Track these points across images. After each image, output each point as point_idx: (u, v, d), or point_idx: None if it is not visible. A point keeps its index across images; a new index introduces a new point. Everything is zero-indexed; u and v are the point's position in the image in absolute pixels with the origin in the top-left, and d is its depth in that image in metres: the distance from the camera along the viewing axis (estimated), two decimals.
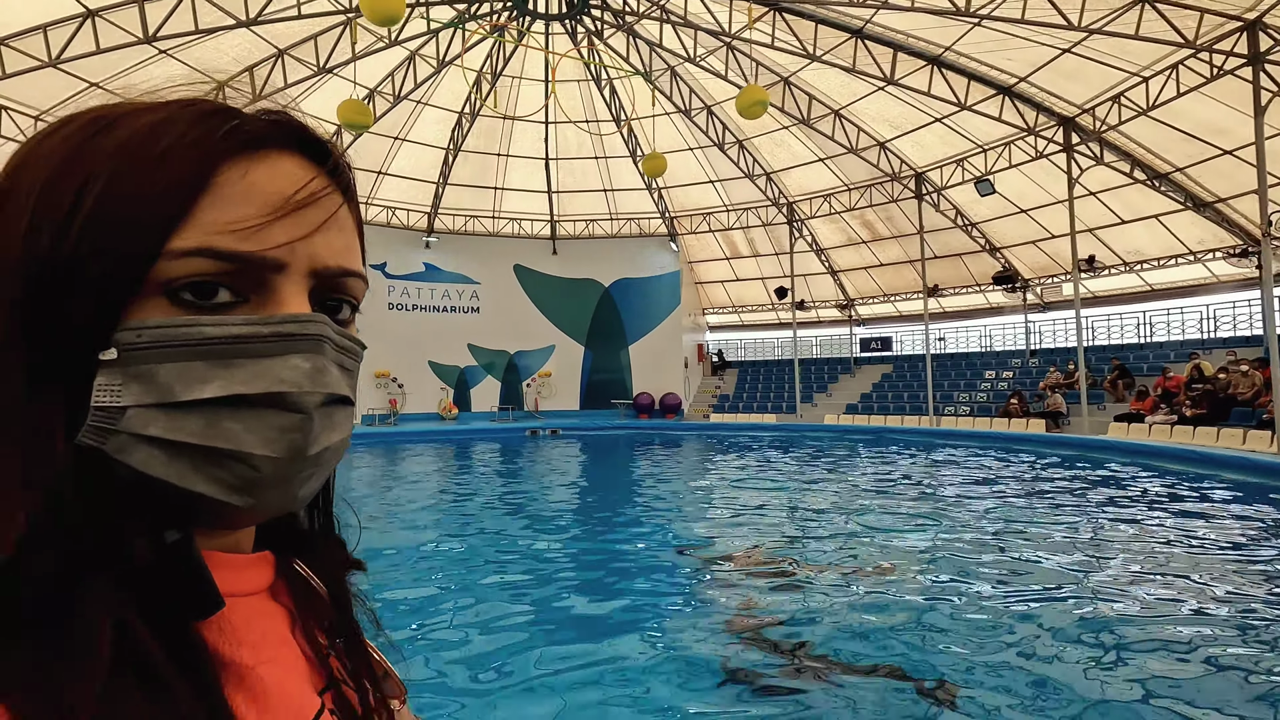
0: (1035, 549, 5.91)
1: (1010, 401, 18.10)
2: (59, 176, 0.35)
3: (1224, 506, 7.82)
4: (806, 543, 6.67)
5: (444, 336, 23.49)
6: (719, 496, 9.48)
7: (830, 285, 25.69)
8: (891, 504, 8.36)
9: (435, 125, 18.70)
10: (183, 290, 0.35)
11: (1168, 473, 10.47)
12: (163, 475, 0.35)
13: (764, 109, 11.65)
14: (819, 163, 19.72)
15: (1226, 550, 5.82)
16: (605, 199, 23.10)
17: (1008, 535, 6.48)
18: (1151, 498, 8.32)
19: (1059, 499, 8.25)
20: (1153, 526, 6.64)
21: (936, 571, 5.33)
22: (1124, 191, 17.15)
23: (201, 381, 0.35)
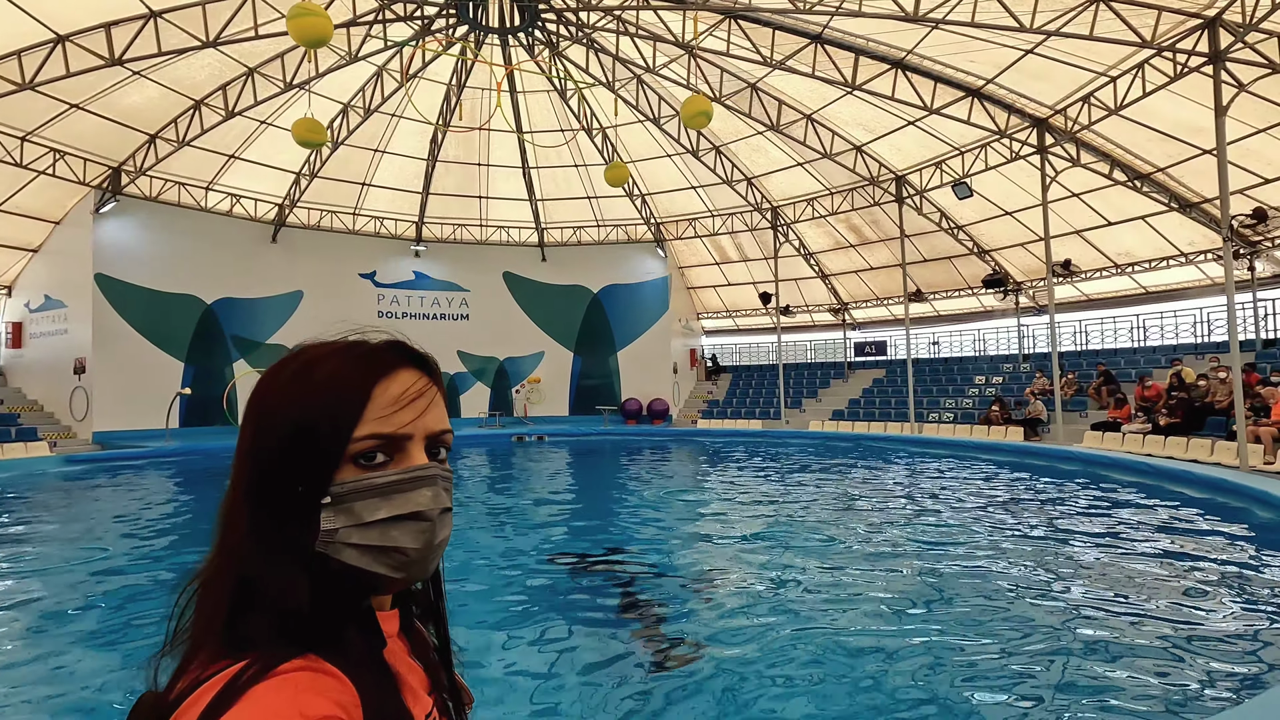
0: (885, 562, 5.85)
1: (991, 408, 17.72)
2: (294, 399, 0.64)
3: (1157, 521, 7.58)
4: (676, 549, 6.77)
5: (433, 344, 22.94)
6: (643, 504, 9.48)
7: (823, 289, 25.43)
8: (798, 514, 8.27)
9: (413, 137, 18.99)
10: (360, 458, 0.64)
11: (1121, 485, 10.17)
12: (357, 563, 0.64)
13: (708, 119, 11.59)
14: (798, 167, 19.55)
15: (1135, 565, 5.66)
16: (590, 206, 23.19)
17: (869, 545, 6.40)
18: (1079, 510, 8.09)
19: (969, 512, 8.06)
20: (1048, 539, 6.47)
21: (779, 579, 5.52)
22: (1109, 193, 16.71)
23: (376, 509, 0.64)
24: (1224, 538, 6.73)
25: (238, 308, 20.47)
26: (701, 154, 19.12)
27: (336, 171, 19.89)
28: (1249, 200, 14.89)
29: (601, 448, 19.96)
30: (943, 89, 14.69)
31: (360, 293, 22.87)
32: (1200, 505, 8.36)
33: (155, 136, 16.30)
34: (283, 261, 21.31)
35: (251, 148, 18.01)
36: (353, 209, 21.92)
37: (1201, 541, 6.62)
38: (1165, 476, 9.64)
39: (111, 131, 15.75)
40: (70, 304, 18.12)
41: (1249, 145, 13.52)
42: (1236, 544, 6.54)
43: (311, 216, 21.51)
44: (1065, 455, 12.32)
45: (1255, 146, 13.52)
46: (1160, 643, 4.06)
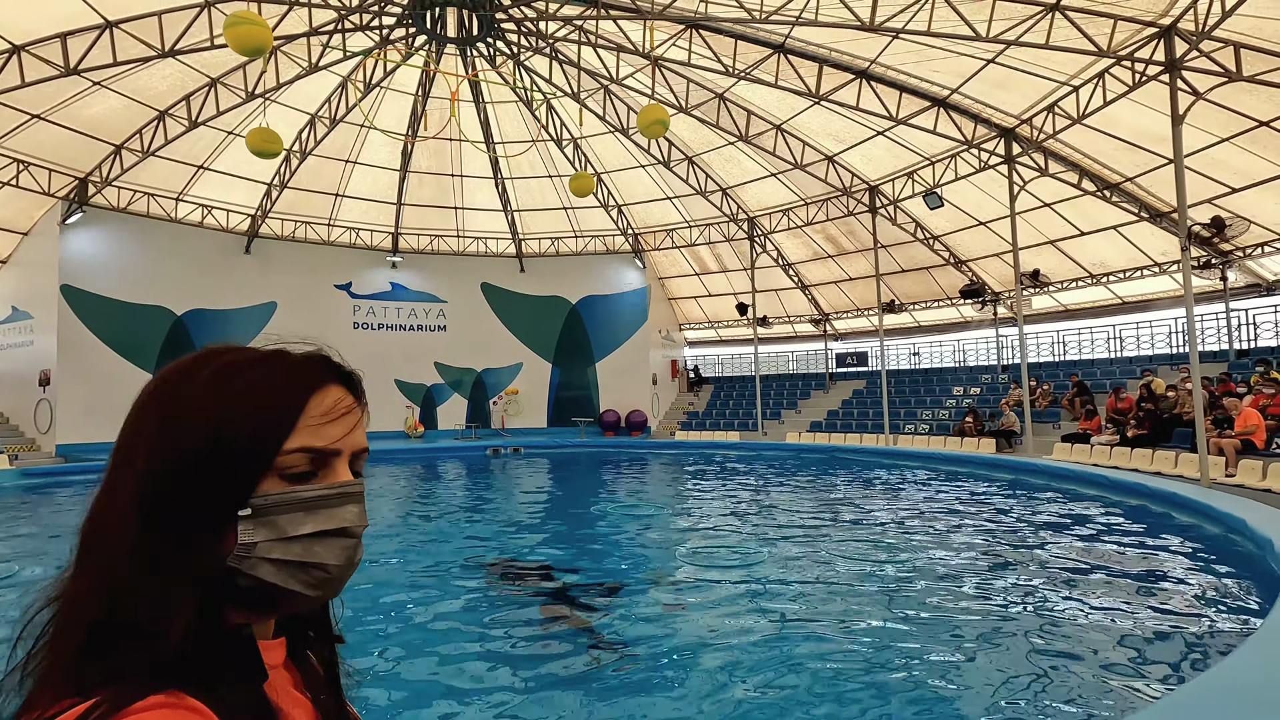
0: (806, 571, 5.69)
1: (965, 420, 17.55)
2: (214, 408, 0.59)
3: (1094, 531, 7.40)
4: (612, 558, 6.62)
5: (410, 355, 23.64)
6: (594, 515, 9.29)
7: (803, 300, 25.30)
8: (740, 526, 8.09)
9: (384, 148, 18.93)
10: (286, 471, 0.61)
11: (1075, 498, 9.98)
12: (273, 579, 0.61)
13: (665, 128, 11.49)
14: (771, 178, 19.47)
15: (1060, 575, 5.49)
16: (567, 217, 23.11)
17: (796, 556, 6.25)
18: (1020, 521, 7.92)
19: (909, 524, 7.88)
20: (988, 549, 6.28)
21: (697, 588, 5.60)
22: (1080, 203, 16.62)
23: (301, 524, 0.61)
24: (1166, 552, 6.56)
25: (209, 319, 20.32)
26: (674, 165, 19.05)
27: (308, 182, 19.82)
28: (1219, 209, 14.79)
29: (576, 460, 19.76)
30: (908, 99, 14.62)
31: (336, 304, 22.74)
32: (1148, 519, 8.18)
33: (121, 147, 16.22)
34: (256, 273, 21.19)
35: (220, 158, 17.94)
36: (327, 220, 21.84)
37: (1138, 554, 6.46)
38: (1120, 490, 9.45)
39: (76, 142, 15.68)
40: (36, 315, 17.99)
41: (1214, 155, 13.44)
42: (1175, 559, 6.36)
43: (285, 227, 21.43)
44: (1030, 468, 12.14)
45: (1221, 156, 13.43)
46: (1056, 659, 3.95)
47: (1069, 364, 20.08)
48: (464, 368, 24.31)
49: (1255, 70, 10.78)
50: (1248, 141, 12.76)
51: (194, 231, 19.81)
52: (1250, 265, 16.30)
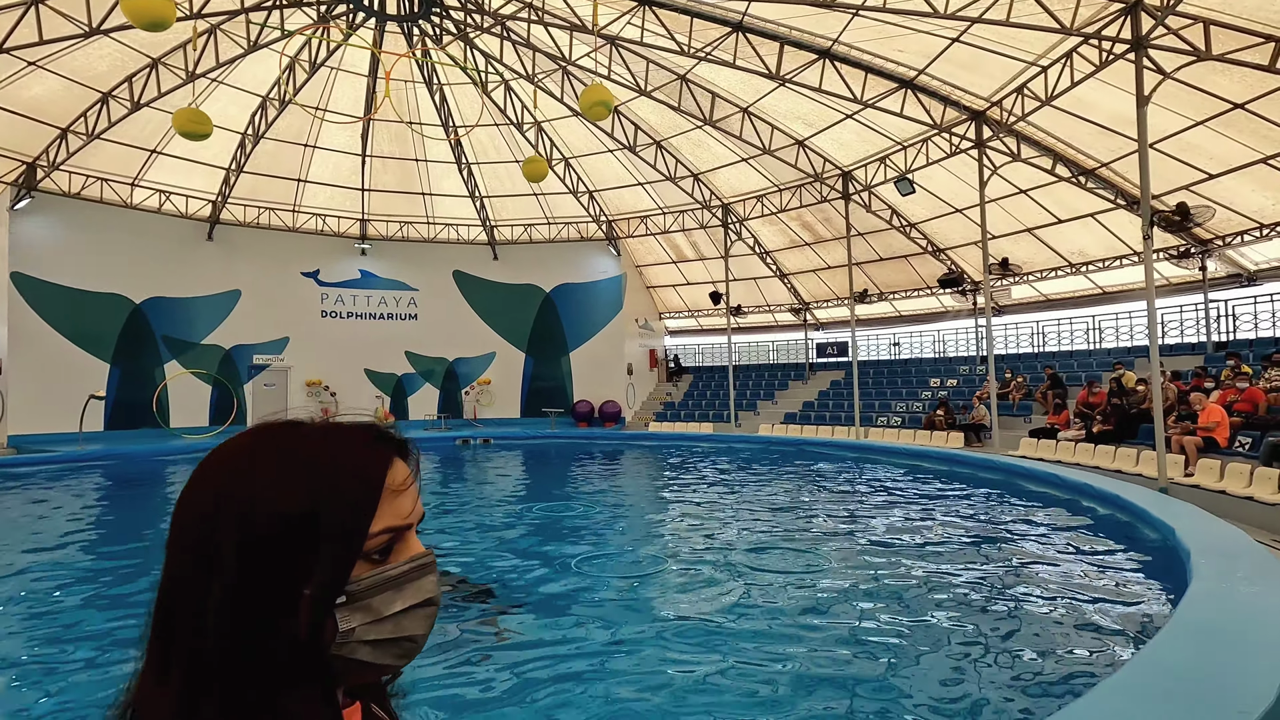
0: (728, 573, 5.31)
1: (936, 413, 17.12)
2: (303, 499, 0.58)
3: (1037, 535, 7.00)
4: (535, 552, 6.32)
5: (381, 344, 23.26)
6: (528, 511, 8.93)
7: (782, 289, 24.80)
8: (678, 520, 7.72)
9: (343, 132, 18.43)
10: (373, 552, 0.61)
11: (1028, 496, 9.58)
12: (369, 659, 0.61)
13: (608, 110, 11.01)
14: (743, 163, 18.93)
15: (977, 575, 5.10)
16: (538, 203, 22.61)
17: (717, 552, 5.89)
18: (960, 521, 7.52)
19: (840, 520, 7.49)
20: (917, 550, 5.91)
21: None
22: (1057, 189, 16.06)
23: (392, 602, 0.61)
24: (1092, 557, 6.17)
25: (169, 307, 19.95)
26: (640, 149, 18.52)
27: (268, 167, 19.35)
28: (1195, 197, 14.24)
29: (546, 451, 19.43)
30: (874, 80, 14.06)
31: (303, 292, 22.33)
32: (1088, 521, 7.78)
33: (66, 130, 15.77)
34: (219, 260, 20.78)
35: (174, 142, 17.46)
36: (292, 206, 21.38)
37: (1066, 557, 6.11)
38: (1067, 489, 9.03)
39: (20, 126, 15.22)
40: None
41: (1188, 139, 12.89)
42: (1100, 564, 5.98)
43: (248, 214, 20.98)
44: (987, 464, 11.70)
45: (1195, 140, 12.88)
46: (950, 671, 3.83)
47: (1047, 355, 19.59)
48: (436, 357, 23.92)
49: (1225, 49, 10.23)
50: (1222, 125, 12.21)
51: (152, 218, 19.38)
52: (1230, 255, 15.76)
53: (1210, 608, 3.37)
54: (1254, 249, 15.24)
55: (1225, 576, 4.03)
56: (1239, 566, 4.23)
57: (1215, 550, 4.74)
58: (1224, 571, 4.11)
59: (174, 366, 19.95)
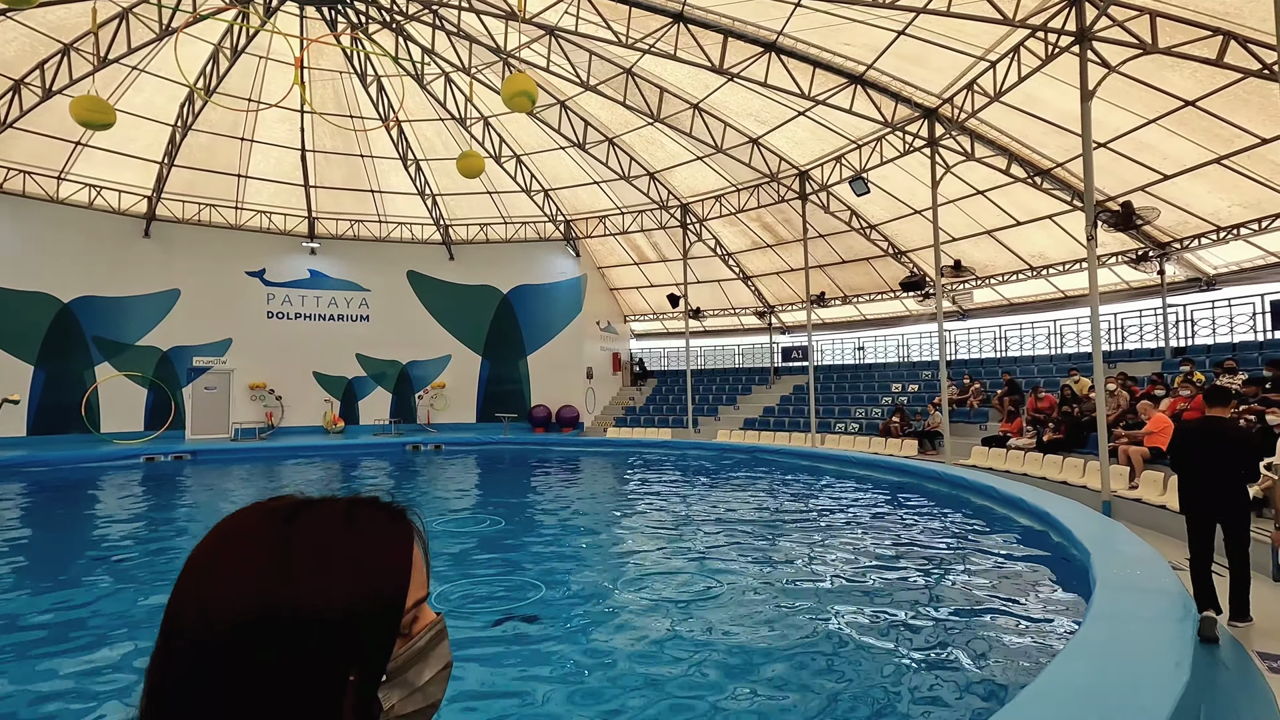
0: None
1: (891, 419, 16.63)
2: (356, 595, 0.57)
3: (963, 549, 6.48)
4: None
5: (330, 346, 22.48)
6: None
7: (747, 292, 24.29)
8: (597, 530, 7.12)
9: (281, 125, 17.69)
10: (404, 629, 0.60)
11: (956, 507, 9.08)
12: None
13: (531, 101, 10.42)
14: (698, 162, 18.39)
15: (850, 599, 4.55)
16: (493, 202, 21.95)
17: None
18: (890, 531, 6.98)
19: (766, 532, 6.94)
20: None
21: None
22: (1014, 190, 15.64)
23: (422, 673, 0.61)
24: (1014, 574, 5.67)
25: (101, 307, 19.08)
26: (591, 146, 17.92)
27: (204, 161, 18.57)
28: (1151, 198, 13.85)
29: (499, 457, 18.80)
30: (822, 75, 13.57)
31: (247, 292, 21.52)
32: (1017, 537, 7.27)
33: None
34: (156, 258, 19.94)
35: (100, 134, 16.64)
36: (234, 203, 20.58)
37: (988, 571, 5.66)
38: (1005, 502, 8.53)
39: None
40: None
41: (1142, 138, 12.49)
42: (1022, 581, 5.51)
43: (187, 210, 20.16)
44: (931, 474, 11.21)
45: (1150, 139, 12.48)
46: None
47: (1010, 360, 19.18)
48: (388, 360, 23.17)
49: (1173, 41, 9.80)
50: (1175, 124, 11.81)
51: (82, 213, 18.52)
52: (1189, 258, 15.41)
53: (1105, 631, 3.30)
54: (1212, 253, 14.89)
55: (1120, 613, 3.71)
56: (1141, 600, 4.01)
57: (1122, 582, 4.42)
58: (1120, 609, 3.81)
59: (106, 369, 19.08)
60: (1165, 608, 3.73)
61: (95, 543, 8.17)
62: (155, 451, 16.74)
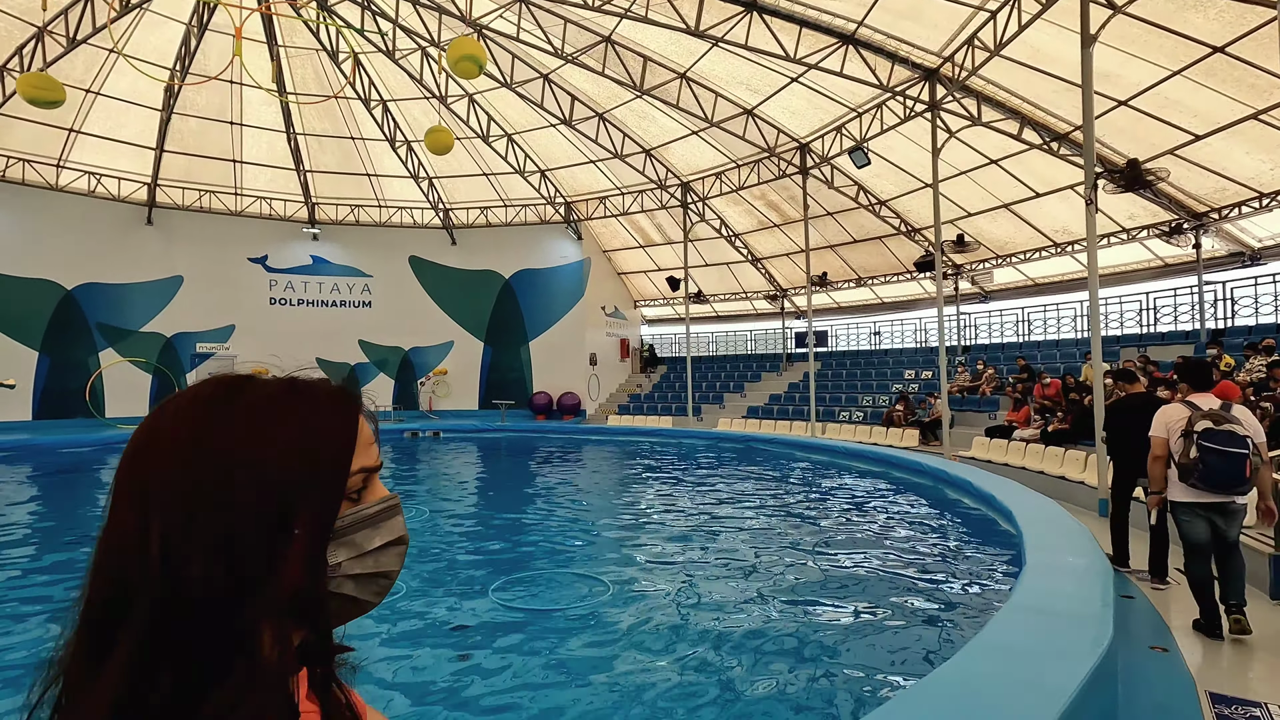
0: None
1: (895, 408, 15.58)
2: (304, 438, 0.58)
3: (933, 548, 5.69)
4: None
5: (334, 332, 22.42)
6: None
7: (758, 275, 23.29)
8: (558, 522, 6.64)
9: (267, 107, 17.50)
10: (351, 492, 0.61)
11: (947, 506, 8.19)
12: (354, 593, 0.61)
13: (477, 67, 9.80)
14: (694, 137, 17.50)
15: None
16: (490, 184, 21.47)
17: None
18: (861, 526, 6.22)
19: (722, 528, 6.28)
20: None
21: None
22: (1030, 159, 14.32)
23: (372, 539, 0.62)
24: (969, 585, 4.87)
25: (104, 294, 19.34)
26: (579, 122, 17.20)
27: (198, 146, 18.55)
28: (1182, 163, 12.44)
29: (495, 445, 18.44)
30: (810, 35, 12.55)
31: (250, 278, 21.59)
32: (980, 540, 6.39)
33: None
34: (158, 245, 20.12)
35: (92, 120, 16.74)
36: (233, 189, 20.60)
37: (950, 569, 4.91)
38: (984, 501, 7.60)
39: None
40: None
41: (1168, 94, 11.15)
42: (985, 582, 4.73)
43: (187, 197, 20.26)
44: (917, 467, 10.24)
45: (1176, 94, 11.13)
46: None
47: (1032, 345, 17.81)
48: (390, 346, 23.03)
49: None
50: (1203, 74, 10.46)
51: (83, 201, 18.75)
52: (1230, 230, 13.88)
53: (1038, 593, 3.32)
54: (1255, 222, 13.36)
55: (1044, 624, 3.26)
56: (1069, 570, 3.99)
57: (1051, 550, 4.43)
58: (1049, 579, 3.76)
59: (110, 354, 19.37)
60: (1090, 575, 3.84)
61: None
62: None
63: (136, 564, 0.52)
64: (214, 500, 0.53)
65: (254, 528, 0.54)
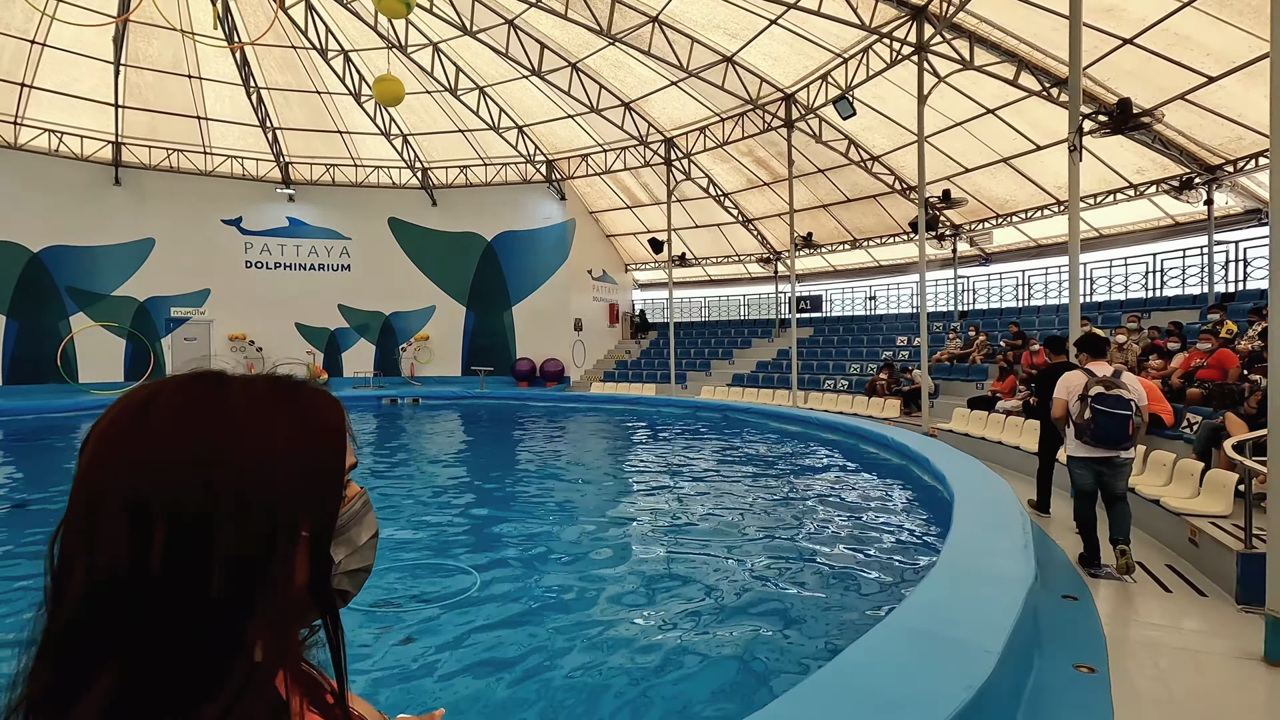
0: None
1: (879, 376, 14.79)
2: (301, 442, 0.57)
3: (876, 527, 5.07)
4: None
5: (312, 296, 21.92)
6: None
7: (750, 237, 22.33)
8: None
9: (221, 60, 16.64)
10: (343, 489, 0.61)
11: (909, 481, 7.55)
12: (347, 588, 0.62)
13: (406, 7, 8.97)
14: (673, 88, 16.46)
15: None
16: (467, 141, 20.57)
17: None
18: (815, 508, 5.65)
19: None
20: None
21: None
22: (1029, 108, 13.20)
23: (361, 534, 0.63)
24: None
25: (73, 257, 18.90)
26: (550, 73, 16.21)
27: (159, 102, 17.82)
28: (1194, 108, 11.31)
29: (474, 412, 17.99)
30: None
31: (223, 241, 21.04)
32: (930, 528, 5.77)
33: None
34: (128, 206, 19.58)
35: (45, 74, 16.05)
36: (201, 147, 19.92)
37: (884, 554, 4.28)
38: (936, 477, 6.93)
39: None
40: None
41: (1177, 27, 10.01)
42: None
43: (155, 156, 19.62)
44: (882, 440, 9.54)
45: (1186, 28, 9.98)
46: None
47: (1032, 310, 16.82)
48: (371, 311, 22.50)
49: None
50: (1215, 5, 9.32)
51: (46, 160, 18.18)
52: (1246, 184, 12.74)
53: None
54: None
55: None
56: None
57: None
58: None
59: (82, 319, 19.02)
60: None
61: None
62: None
63: (129, 577, 0.48)
64: (224, 508, 0.50)
65: (266, 534, 0.52)
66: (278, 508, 0.53)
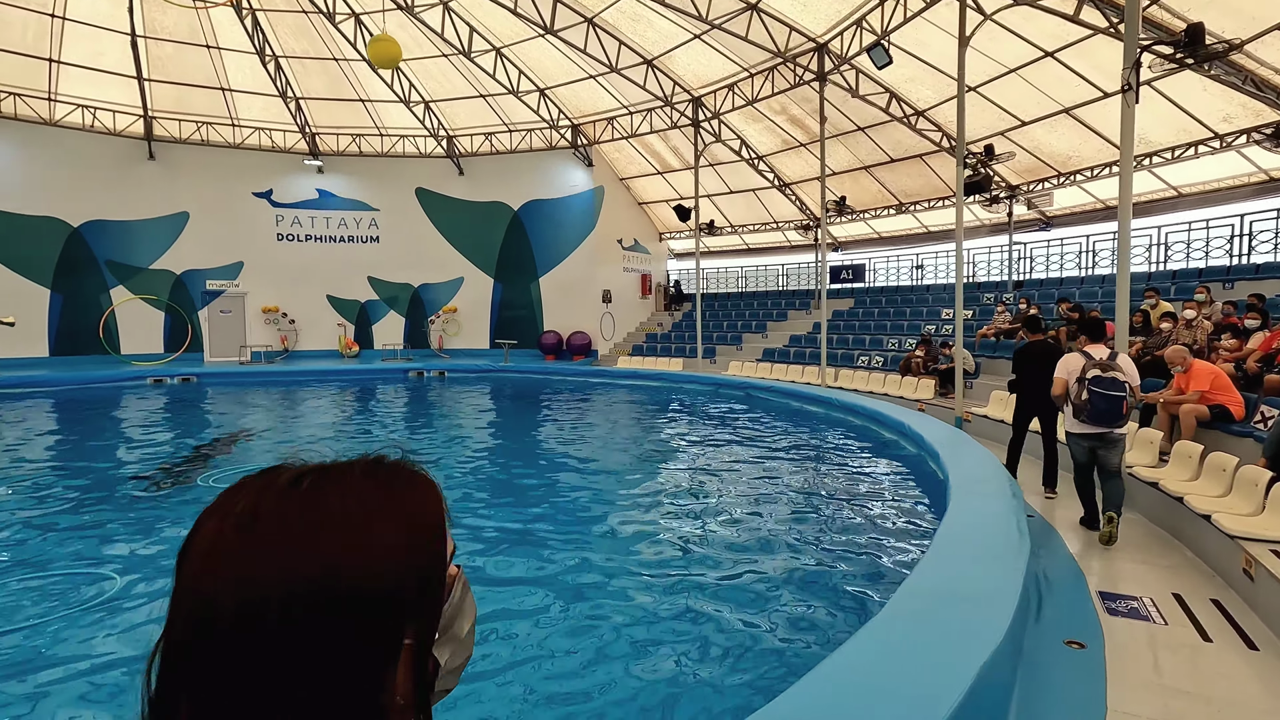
0: None
1: (914, 353, 13.58)
2: (411, 553, 0.54)
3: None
4: None
5: (342, 268, 21.93)
6: None
7: (788, 203, 21.03)
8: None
9: (234, 28, 16.38)
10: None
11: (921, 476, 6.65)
12: (448, 685, 0.59)
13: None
14: (696, 41, 15.31)
15: None
16: (489, 107, 19.91)
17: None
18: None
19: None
20: None
21: None
22: (1094, 47, 11.61)
23: (462, 626, 0.59)
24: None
25: (112, 231, 19.34)
26: (564, 30, 15.29)
27: (181, 74, 17.81)
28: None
29: (500, 386, 17.73)
30: None
31: (255, 213, 21.18)
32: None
33: None
34: (162, 180, 19.85)
35: (68, 48, 16.19)
36: (229, 119, 19.94)
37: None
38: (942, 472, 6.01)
39: None
40: None
41: None
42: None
43: (185, 129, 19.75)
44: (900, 428, 8.54)
45: None
46: None
47: (1095, 279, 15.14)
48: (400, 283, 22.39)
49: None
50: None
51: (81, 135, 18.52)
52: None
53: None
54: None
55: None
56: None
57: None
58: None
59: (121, 292, 19.53)
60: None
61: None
62: (163, 374, 16.97)
63: (233, 707, 0.46)
64: (328, 618, 0.48)
65: (368, 644, 0.49)
66: (378, 615, 0.50)
